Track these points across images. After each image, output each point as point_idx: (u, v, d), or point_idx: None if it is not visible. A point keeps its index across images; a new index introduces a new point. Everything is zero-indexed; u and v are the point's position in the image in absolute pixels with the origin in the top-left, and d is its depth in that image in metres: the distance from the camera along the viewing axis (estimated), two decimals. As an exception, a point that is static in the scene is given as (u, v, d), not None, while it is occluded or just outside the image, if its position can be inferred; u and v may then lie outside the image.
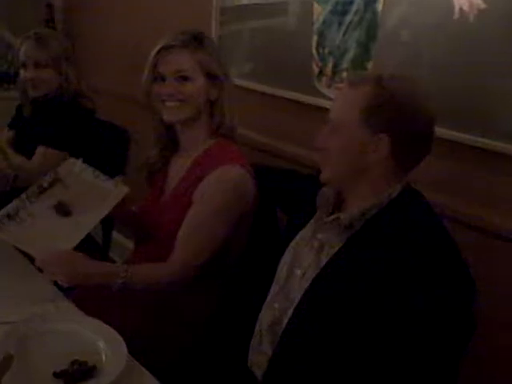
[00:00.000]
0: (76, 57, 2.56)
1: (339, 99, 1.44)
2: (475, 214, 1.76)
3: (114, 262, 2.61)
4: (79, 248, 1.65)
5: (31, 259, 1.69)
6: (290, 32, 2.29)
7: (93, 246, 2.37)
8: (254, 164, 1.80)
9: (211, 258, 1.70)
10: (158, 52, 1.75)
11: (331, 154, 1.39)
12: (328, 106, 2.05)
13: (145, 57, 2.96)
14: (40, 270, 1.62)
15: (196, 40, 1.75)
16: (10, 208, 1.74)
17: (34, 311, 1.47)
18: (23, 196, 1.77)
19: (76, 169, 1.87)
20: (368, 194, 1.37)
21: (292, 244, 1.51)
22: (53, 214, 1.75)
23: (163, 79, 1.75)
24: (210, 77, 1.76)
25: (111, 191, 1.80)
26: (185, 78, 1.74)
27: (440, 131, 1.47)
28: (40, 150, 2.37)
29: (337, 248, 1.38)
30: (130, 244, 2.65)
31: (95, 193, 1.79)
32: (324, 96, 2.15)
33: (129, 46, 3.22)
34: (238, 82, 2.24)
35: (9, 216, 1.72)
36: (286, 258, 1.50)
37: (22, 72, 2.47)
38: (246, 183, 1.73)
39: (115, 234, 2.60)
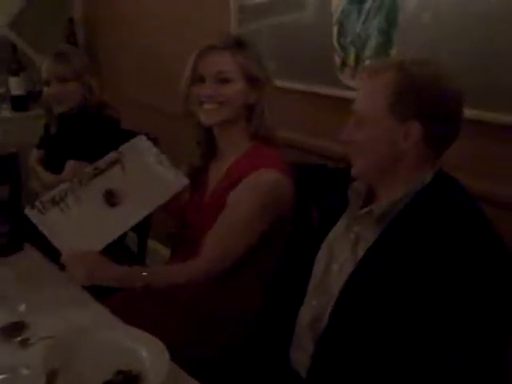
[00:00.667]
0: (100, 69, 2.57)
1: (362, 90, 1.40)
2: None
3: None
4: (113, 256, 1.64)
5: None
6: (310, 25, 2.27)
7: (127, 255, 2.38)
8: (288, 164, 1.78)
9: (251, 259, 1.69)
10: (199, 53, 1.75)
11: (360, 147, 1.36)
12: (353, 97, 2.07)
13: (167, 64, 2.99)
14: (63, 267, 1.63)
15: (238, 43, 1.75)
16: (58, 191, 1.71)
17: (72, 322, 1.47)
18: (75, 179, 1.73)
19: (140, 148, 1.78)
20: (400, 183, 1.35)
21: (327, 240, 1.49)
22: (100, 201, 1.71)
23: (203, 80, 1.74)
24: (251, 80, 1.74)
25: (170, 182, 1.73)
26: (225, 80, 1.72)
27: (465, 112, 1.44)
28: (69, 164, 2.38)
29: (372, 240, 1.35)
30: (165, 251, 2.65)
31: (153, 180, 1.73)
32: (349, 87, 2.12)
33: (151, 54, 3.24)
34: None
35: (53, 201, 1.69)
36: (322, 253, 1.48)
37: (45, 89, 2.50)
38: (282, 187, 1.71)
39: (150, 242, 2.61)
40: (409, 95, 1.30)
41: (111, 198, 1.72)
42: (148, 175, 1.73)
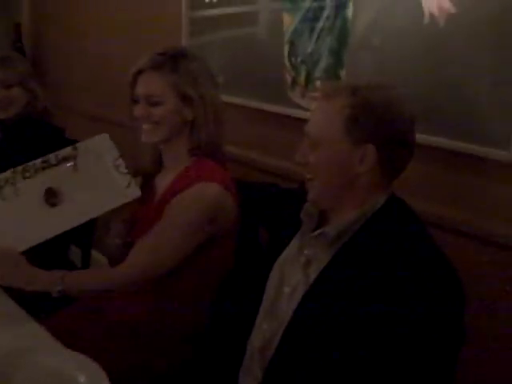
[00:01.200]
0: (46, 76, 2.52)
1: (316, 113, 1.39)
2: (459, 218, 1.75)
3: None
4: (51, 267, 1.59)
5: None
6: (261, 42, 2.27)
7: (70, 268, 2.32)
8: (236, 180, 1.77)
9: (197, 276, 1.68)
10: (132, 75, 1.74)
11: (315, 170, 1.36)
12: (303, 116, 2.09)
13: (115, 74, 2.95)
14: None
15: (171, 60, 1.72)
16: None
17: (7, 344, 1.38)
18: (19, 168, 1.64)
19: (100, 147, 1.68)
20: (353, 206, 1.35)
21: (278, 262, 1.48)
22: (40, 199, 1.62)
23: (138, 101, 1.73)
24: (183, 98, 1.72)
25: (122, 191, 1.65)
26: (155, 103, 1.71)
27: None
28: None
29: (325, 263, 1.35)
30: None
31: (103, 185, 1.64)
32: (299, 106, 2.13)
33: (99, 63, 3.19)
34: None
35: None
36: (273, 276, 1.47)
37: None
38: (223, 201, 1.70)
39: (95, 253, 2.56)
40: (364, 119, 1.30)
41: (51, 198, 1.64)
42: (100, 179, 1.65)
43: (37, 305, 1.63)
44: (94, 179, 1.64)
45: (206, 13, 2.49)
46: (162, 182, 1.81)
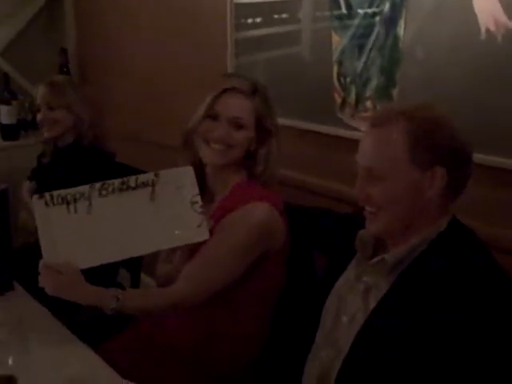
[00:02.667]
0: (92, 101, 2.54)
1: (372, 144, 1.32)
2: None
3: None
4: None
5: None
6: (308, 62, 2.24)
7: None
8: (285, 202, 1.74)
9: (249, 299, 1.65)
10: (221, 92, 1.71)
11: (382, 204, 1.30)
12: (353, 137, 2.05)
13: (161, 97, 2.96)
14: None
15: (257, 91, 1.72)
16: (74, 190, 1.59)
17: (65, 376, 1.39)
18: (97, 185, 1.60)
19: (182, 180, 1.62)
20: (416, 231, 1.30)
21: (335, 289, 1.44)
22: (111, 220, 1.58)
23: (215, 119, 1.70)
24: (261, 130, 1.72)
25: (193, 230, 1.59)
26: (239, 126, 1.69)
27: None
28: None
29: (385, 290, 1.31)
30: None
31: (176, 220, 1.59)
32: (348, 126, 2.09)
33: (145, 86, 3.20)
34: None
35: (64, 198, 1.57)
36: (330, 304, 1.43)
37: (38, 116, 2.49)
38: (273, 220, 1.67)
39: (144, 276, 2.55)
40: (426, 142, 1.26)
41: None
42: (174, 212, 1.60)
43: (89, 331, 1.61)
44: (168, 211, 1.60)
45: (251, 33, 2.48)
46: (210, 204, 1.77)
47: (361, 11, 2.00)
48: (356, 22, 2.02)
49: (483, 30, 1.67)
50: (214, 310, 1.66)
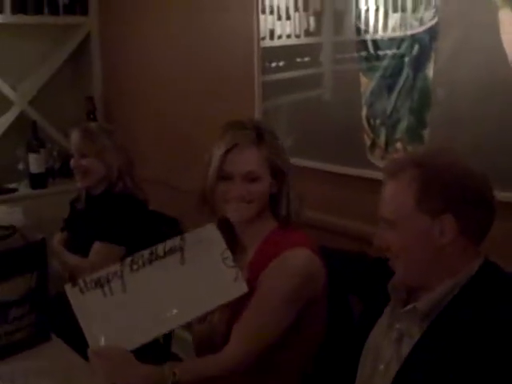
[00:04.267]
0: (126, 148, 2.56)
1: (386, 194, 1.35)
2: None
3: (177, 357, 2.52)
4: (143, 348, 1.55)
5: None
6: (337, 104, 2.26)
7: (153, 345, 2.29)
8: (320, 246, 1.73)
9: (287, 349, 1.62)
10: (226, 151, 1.68)
11: (397, 252, 1.32)
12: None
13: (191, 144, 2.97)
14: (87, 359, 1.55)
15: (260, 134, 1.70)
16: (105, 272, 1.56)
17: None
18: (127, 260, 1.57)
19: (207, 239, 1.61)
20: (444, 277, 1.29)
21: (372, 336, 1.42)
22: (148, 294, 1.56)
23: (230, 178, 1.68)
24: (275, 172, 1.70)
25: (230, 286, 1.56)
26: (255, 179, 1.67)
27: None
28: (96, 246, 2.35)
29: (417, 337, 1.29)
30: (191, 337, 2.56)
31: (211, 280, 1.57)
32: (379, 168, 2.08)
33: (175, 134, 3.23)
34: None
35: (98, 282, 1.54)
36: (367, 352, 1.41)
37: (71, 162, 2.51)
38: (312, 266, 1.65)
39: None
40: (433, 189, 1.27)
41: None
42: (207, 272, 1.58)
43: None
44: (201, 272, 1.58)
45: (277, 77, 2.50)
46: (244, 259, 1.73)
47: (389, 52, 2.02)
48: (384, 63, 2.04)
49: (514, 68, 1.68)
50: (265, 364, 1.63)
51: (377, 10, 2.05)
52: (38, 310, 1.81)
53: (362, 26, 2.11)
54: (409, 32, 1.95)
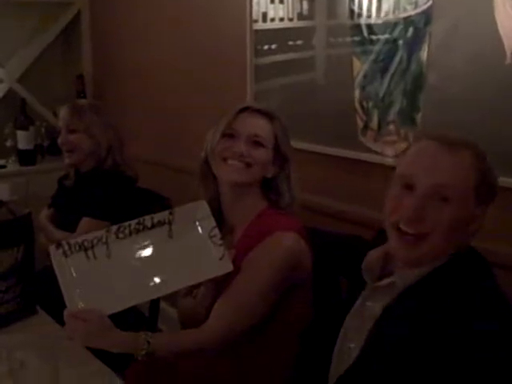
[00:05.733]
0: (116, 126, 2.54)
1: (446, 161, 1.26)
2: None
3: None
4: (122, 318, 1.55)
5: None
6: (330, 87, 2.25)
7: (138, 318, 2.30)
8: (311, 228, 1.73)
9: (272, 331, 1.62)
10: (239, 110, 1.70)
11: (439, 228, 1.25)
12: (376, 161, 2.05)
13: (181, 124, 2.96)
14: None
15: (272, 114, 1.72)
16: (90, 236, 1.56)
17: None
18: (113, 228, 1.57)
19: (197, 215, 1.60)
20: (432, 257, 1.28)
21: (347, 317, 1.42)
22: (131, 262, 1.56)
23: (233, 136, 1.68)
24: (278, 154, 1.71)
25: (215, 263, 1.56)
26: (259, 144, 1.68)
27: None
28: (83, 222, 2.34)
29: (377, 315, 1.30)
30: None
31: (197, 255, 1.57)
32: (371, 150, 2.09)
33: (165, 114, 3.21)
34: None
35: (82, 245, 1.54)
36: (341, 333, 1.42)
37: (59, 138, 2.50)
38: (301, 249, 1.65)
39: (163, 304, 2.53)
40: (486, 179, 1.28)
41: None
42: (194, 248, 1.58)
43: (113, 355, 1.59)
44: (187, 247, 1.58)
45: (270, 59, 2.49)
46: (231, 239, 1.73)
47: (383, 36, 2.01)
48: (378, 47, 2.03)
49: (508, 54, 1.67)
50: (241, 344, 1.63)
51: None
52: (24, 284, 1.80)
53: (356, 10, 2.09)
54: (403, 15, 1.94)
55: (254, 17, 2.51)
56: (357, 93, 2.12)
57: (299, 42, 2.35)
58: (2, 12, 3.46)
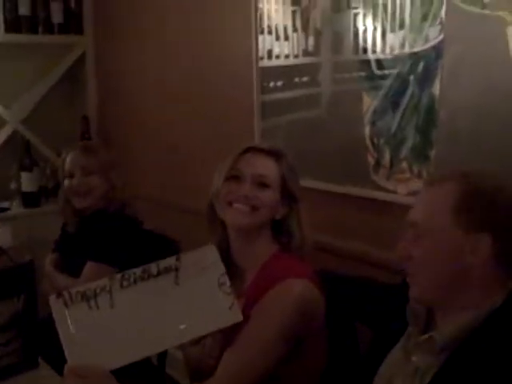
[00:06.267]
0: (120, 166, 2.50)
1: (421, 201, 1.29)
2: None
3: (172, 379, 2.43)
4: (130, 367, 1.43)
5: None
6: (339, 124, 2.19)
7: (146, 366, 2.21)
8: (325, 270, 1.65)
9: (284, 381, 1.53)
10: (243, 151, 1.64)
11: (420, 263, 1.24)
12: (389, 199, 1.98)
13: (189, 165, 2.90)
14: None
15: (279, 153, 1.66)
16: (93, 285, 1.45)
17: None
18: (117, 276, 1.47)
19: (206, 261, 1.50)
20: (466, 306, 1.20)
21: (383, 368, 1.33)
22: (136, 312, 1.45)
23: (237, 178, 1.62)
24: (286, 195, 1.64)
25: (224, 313, 1.46)
26: (264, 185, 1.61)
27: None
28: (87, 266, 2.26)
29: (434, 371, 1.20)
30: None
31: (205, 304, 1.46)
32: (383, 189, 2.02)
33: (173, 155, 3.16)
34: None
35: (84, 295, 1.44)
36: (380, 381, 1.32)
37: (66, 182, 2.39)
38: (311, 299, 1.55)
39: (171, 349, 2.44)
40: (475, 206, 1.19)
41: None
42: (202, 296, 1.48)
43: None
44: (195, 296, 1.48)
45: (276, 96, 2.45)
46: (241, 284, 1.64)
47: (393, 71, 1.96)
48: (388, 82, 1.98)
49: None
50: None
51: (375, 29, 2.00)
52: (25, 335, 1.73)
53: (364, 46, 2.06)
54: (414, 50, 1.89)
55: (260, 54, 2.48)
56: (367, 129, 2.07)
57: (305, 79, 2.32)
58: (8, 53, 3.43)
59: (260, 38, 2.47)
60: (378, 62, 2.01)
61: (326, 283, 1.59)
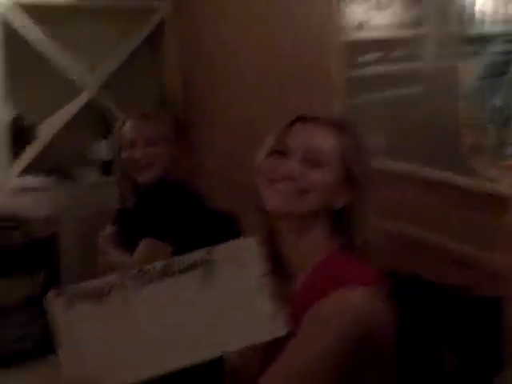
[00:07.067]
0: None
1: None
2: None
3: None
4: None
5: None
6: (432, 101, 1.91)
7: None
8: (398, 273, 1.35)
9: None
10: (294, 120, 1.35)
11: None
12: (490, 190, 1.65)
13: (260, 139, 2.73)
14: None
15: (342, 125, 1.34)
16: (101, 282, 1.19)
17: None
18: (132, 272, 1.19)
19: (243, 256, 1.22)
20: None
21: None
22: (155, 320, 1.18)
23: (284, 154, 1.31)
24: (347, 177, 1.30)
25: (262, 322, 1.19)
26: (316, 163, 1.28)
27: None
28: (142, 243, 2.08)
29: None
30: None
31: (240, 310, 1.19)
32: (483, 177, 1.70)
33: (245, 131, 3.00)
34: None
35: (89, 294, 1.18)
36: None
37: (126, 153, 2.20)
38: (374, 312, 1.21)
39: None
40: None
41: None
42: (236, 301, 1.19)
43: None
44: (227, 300, 1.20)
45: (366, 71, 2.21)
46: (289, 288, 1.32)
47: (498, 45, 1.67)
48: (491, 48, 1.69)
49: None
50: None
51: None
52: (44, 318, 1.53)
53: (469, 18, 1.76)
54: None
55: (351, 25, 2.23)
56: (465, 107, 1.77)
57: (401, 53, 2.08)
58: (86, 18, 3.40)
59: (351, 7, 2.21)
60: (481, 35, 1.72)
61: (399, 290, 1.27)
